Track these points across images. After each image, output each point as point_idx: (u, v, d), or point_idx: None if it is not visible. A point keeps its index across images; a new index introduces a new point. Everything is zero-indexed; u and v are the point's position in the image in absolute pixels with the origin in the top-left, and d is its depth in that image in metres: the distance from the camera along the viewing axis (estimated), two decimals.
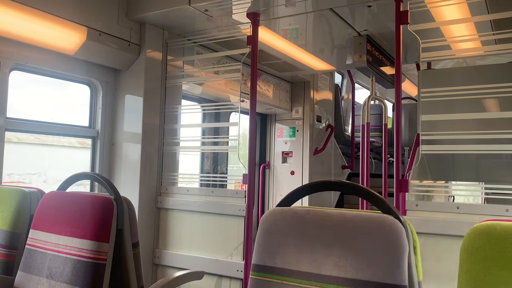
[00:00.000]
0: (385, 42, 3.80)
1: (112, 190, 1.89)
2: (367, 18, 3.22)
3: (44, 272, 1.81)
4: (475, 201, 3.21)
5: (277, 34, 3.49)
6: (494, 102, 2.76)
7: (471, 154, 2.79)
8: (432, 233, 2.21)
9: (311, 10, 2.93)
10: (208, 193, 3.11)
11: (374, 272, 1.07)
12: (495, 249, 0.98)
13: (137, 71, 3.18)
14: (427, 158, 2.92)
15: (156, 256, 3.20)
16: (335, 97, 5.62)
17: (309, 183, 1.29)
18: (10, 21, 2.46)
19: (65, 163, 3.45)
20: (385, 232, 1.09)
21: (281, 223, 1.25)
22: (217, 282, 2.96)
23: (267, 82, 4.62)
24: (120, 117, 3.24)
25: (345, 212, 1.18)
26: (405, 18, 2.42)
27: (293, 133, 5.02)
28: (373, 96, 4.18)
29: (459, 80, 2.73)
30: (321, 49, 3.96)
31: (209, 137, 3.95)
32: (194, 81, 3.50)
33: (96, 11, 2.89)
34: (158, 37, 3.26)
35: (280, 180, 5.07)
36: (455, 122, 2.48)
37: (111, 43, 2.98)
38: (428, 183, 2.93)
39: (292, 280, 1.19)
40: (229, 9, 2.91)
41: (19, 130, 2.77)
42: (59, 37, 2.72)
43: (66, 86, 3.20)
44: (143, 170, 3.12)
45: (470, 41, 2.77)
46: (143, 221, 3.11)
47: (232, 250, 2.93)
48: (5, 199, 2.09)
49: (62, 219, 1.87)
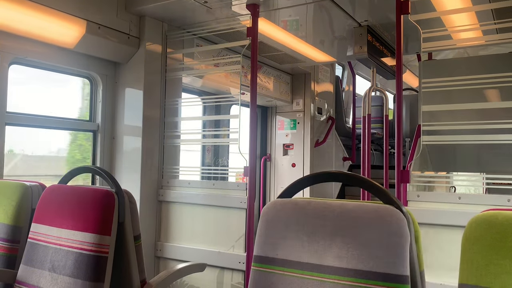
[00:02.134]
0: (386, 32, 3.78)
1: (113, 183, 1.89)
2: (368, 8, 3.20)
3: (46, 265, 1.82)
4: (477, 191, 3.21)
5: (277, 25, 3.47)
6: (495, 92, 2.75)
7: (472, 145, 2.79)
8: (434, 224, 2.21)
9: (311, 1, 2.92)
10: (209, 186, 3.11)
11: (375, 262, 1.07)
12: (497, 238, 0.98)
13: (136, 64, 3.17)
14: (428, 149, 2.92)
15: (158, 249, 3.21)
16: (336, 88, 5.61)
17: (310, 174, 1.28)
18: (9, 15, 2.45)
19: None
20: (387, 222, 1.09)
21: (282, 214, 1.25)
22: (219, 274, 2.97)
23: (268, 74, 4.61)
24: (120, 111, 3.24)
25: (346, 203, 1.18)
26: (406, 8, 2.41)
27: (294, 126, 5.01)
28: (374, 87, 4.17)
29: (460, 70, 2.71)
30: (321, 40, 3.94)
31: (209, 130, 3.94)
32: (194, 74, 3.49)
33: (95, 4, 2.87)
34: (158, 30, 3.25)
35: (281, 172, 5.07)
36: (456, 112, 2.47)
37: (110, 36, 2.97)
38: (429, 174, 2.93)
39: (293, 271, 1.19)
40: (228, 0, 2.89)
41: (19, 124, 2.77)
42: (58, 30, 2.70)
43: (66, 81, 3.19)
44: (144, 163, 3.12)
45: (471, 31, 2.76)
46: (144, 214, 3.12)
47: (234, 242, 2.94)
48: (7, 193, 2.09)
49: (63, 213, 1.88)
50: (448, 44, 2.59)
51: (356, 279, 1.09)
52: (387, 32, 3.76)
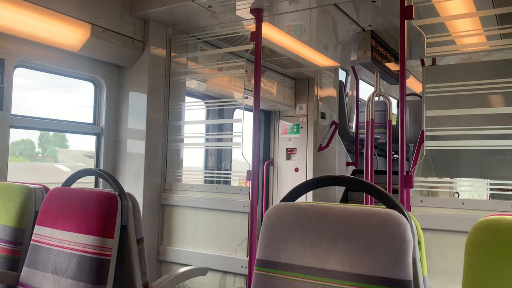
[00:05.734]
0: (390, 37, 3.78)
1: (117, 186, 1.89)
2: (372, 13, 3.21)
3: (49, 268, 1.82)
4: (480, 197, 3.20)
5: (281, 30, 3.48)
6: (499, 98, 2.74)
7: (476, 150, 2.78)
8: (437, 229, 2.20)
9: (315, 6, 2.92)
10: (212, 190, 3.11)
11: (378, 266, 1.07)
12: (501, 243, 0.98)
13: (141, 68, 3.18)
14: (432, 154, 2.91)
15: (161, 252, 3.21)
16: (339, 93, 5.61)
17: (313, 178, 1.28)
18: (14, 18, 2.47)
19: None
20: (390, 227, 1.08)
21: (285, 218, 1.25)
22: (221, 278, 2.96)
23: (271, 78, 4.61)
24: (124, 114, 3.25)
25: (349, 207, 1.18)
26: (410, 13, 2.41)
27: (297, 130, 5.01)
28: (377, 92, 4.17)
29: (463, 76, 2.71)
30: (325, 45, 3.95)
31: (213, 133, 3.95)
32: (198, 78, 3.50)
33: (100, 8, 2.89)
34: (162, 34, 3.27)
35: (284, 177, 5.06)
36: (460, 118, 2.47)
37: (115, 40, 2.99)
38: (433, 179, 2.92)
39: (296, 275, 1.19)
40: (232, 5, 2.90)
41: (23, 127, 2.78)
42: (63, 34, 2.72)
43: (70, 86, 3.21)
44: (147, 167, 3.13)
45: (475, 36, 2.75)
46: (147, 218, 3.12)
47: (236, 246, 2.94)
48: (10, 195, 2.10)
49: (66, 215, 1.88)
50: (452, 49, 2.59)
51: (358, 283, 1.08)
52: (391, 37, 3.77)
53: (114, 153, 3.26)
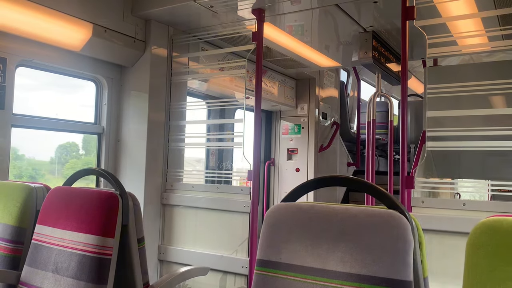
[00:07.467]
0: (391, 38, 3.78)
1: (118, 186, 1.89)
2: (373, 14, 3.20)
3: (50, 267, 1.83)
4: (482, 198, 3.19)
5: (282, 30, 3.48)
6: (501, 99, 2.74)
7: (477, 151, 2.78)
8: (438, 230, 2.20)
9: (317, 6, 2.92)
10: (213, 190, 3.11)
11: (379, 267, 1.07)
12: (502, 244, 0.97)
13: (142, 68, 3.18)
14: (433, 155, 2.91)
15: (161, 252, 3.21)
16: (341, 94, 5.60)
17: (314, 178, 1.28)
18: (16, 18, 2.47)
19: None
20: (391, 227, 1.08)
21: (285, 218, 1.25)
22: (222, 278, 2.96)
23: (272, 79, 4.61)
24: (125, 114, 3.25)
25: (350, 207, 1.18)
26: (411, 13, 2.40)
27: (298, 130, 5.01)
28: (379, 93, 4.17)
29: (465, 76, 2.71)
30: (326, 45, 3.95)
31: (214, 133, 3.95)
32: (199, 78, 3.50)
33: (101, 8, 2.89)
34: (163, 34, 3.27)
35: (285, 177, 5.06)
36: (461, 118, 2.47)
37: (116, 39, 2.99)
38: (434, 180, 2.92)
39: (296, 275, 1.19)
40: (234, 5, 2.91)
41: (25, 126, 2.79)
42: (64, 33, 2.72)
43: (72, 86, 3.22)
44: (148, 166, 3.13)
45: (477, 37, 2.75)
46: (148, 217, 3.12)
47: (237, 247, 2.94)
48: (12, 194, 2.10)
49: (67, 214, 1.88)
50: (454, 50, 2.58)
51: (359, 283, 1.08)
52: (393, 37, 3.76)
53: (115, 152, 3.27)
